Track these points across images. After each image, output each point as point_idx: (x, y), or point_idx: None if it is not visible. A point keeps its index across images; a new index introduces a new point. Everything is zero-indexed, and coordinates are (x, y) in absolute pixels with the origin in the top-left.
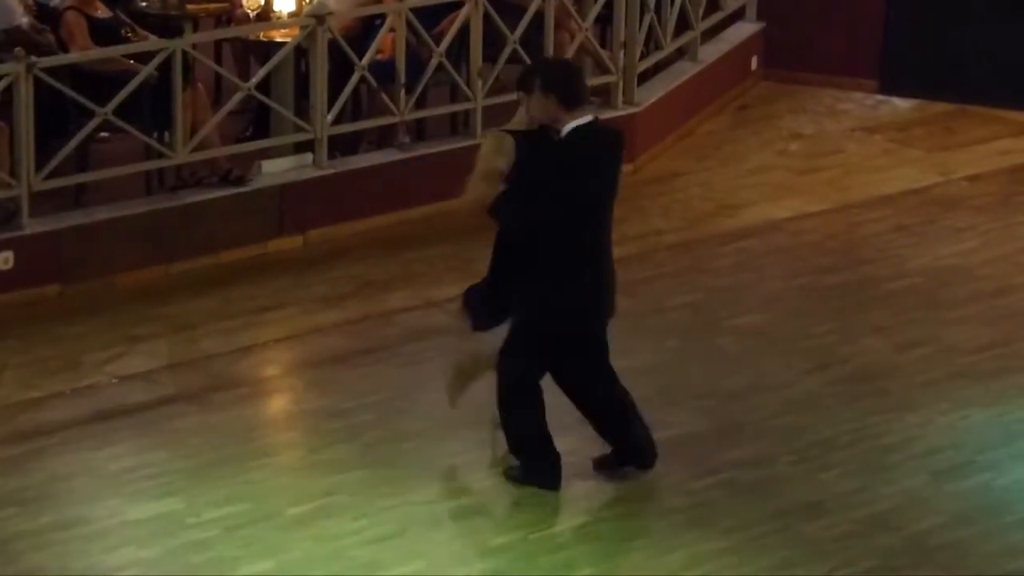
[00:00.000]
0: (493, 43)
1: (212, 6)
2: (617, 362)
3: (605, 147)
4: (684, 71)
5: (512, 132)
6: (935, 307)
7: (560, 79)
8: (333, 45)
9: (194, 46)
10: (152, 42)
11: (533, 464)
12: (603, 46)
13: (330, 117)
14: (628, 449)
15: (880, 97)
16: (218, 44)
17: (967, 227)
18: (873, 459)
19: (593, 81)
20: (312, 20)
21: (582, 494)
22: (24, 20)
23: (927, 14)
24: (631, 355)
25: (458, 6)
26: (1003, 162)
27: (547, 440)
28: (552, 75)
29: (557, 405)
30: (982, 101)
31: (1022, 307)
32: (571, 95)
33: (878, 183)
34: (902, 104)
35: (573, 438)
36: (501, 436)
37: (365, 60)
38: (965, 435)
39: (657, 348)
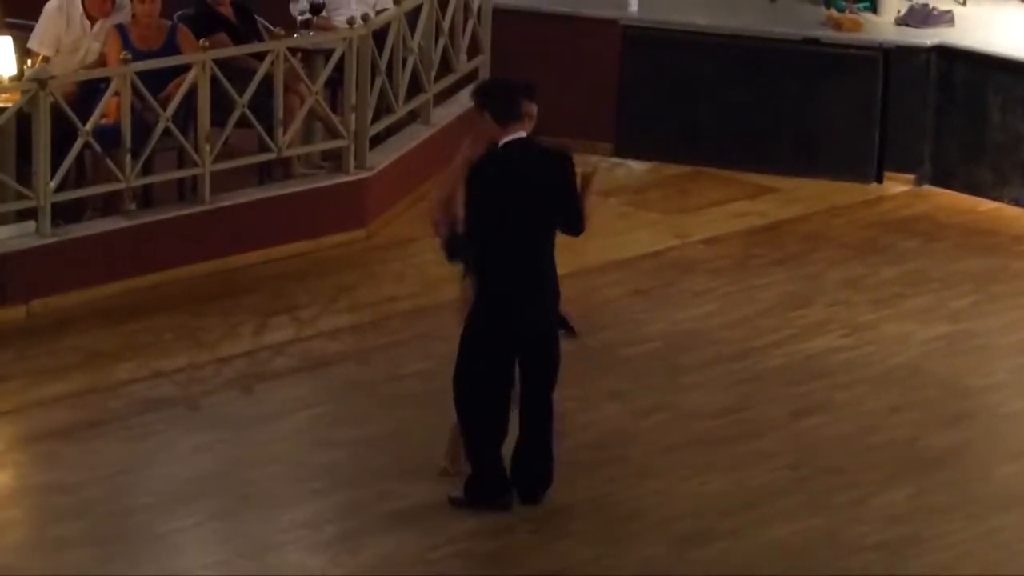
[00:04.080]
0: (221, 107)
1: None
2: (351, 431)
3: (534, 164)
4: (417, 134)
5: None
6: (674, 372)
7: (493, 96)
8: (56, 109)
9: None
10: None
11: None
12: (334, 110)
13: (53, 184)
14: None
15: (615, 160)
16: None
17: (705, 290)
18: (613, 527)
19: (323, 146)
20: (34, 84)
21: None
22: None
23: (661, 77)
24: (366, 424)
25: (185, 69)
26: (739, 224)
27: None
28: (486, 93)
29: None
30: (717, 163)
31: (760, 370)
32: (503, 111)
33: (614, 247)
34: (638, 167)
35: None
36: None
37: (89, 125)
38: (706, 501)
39: (392, 417)
